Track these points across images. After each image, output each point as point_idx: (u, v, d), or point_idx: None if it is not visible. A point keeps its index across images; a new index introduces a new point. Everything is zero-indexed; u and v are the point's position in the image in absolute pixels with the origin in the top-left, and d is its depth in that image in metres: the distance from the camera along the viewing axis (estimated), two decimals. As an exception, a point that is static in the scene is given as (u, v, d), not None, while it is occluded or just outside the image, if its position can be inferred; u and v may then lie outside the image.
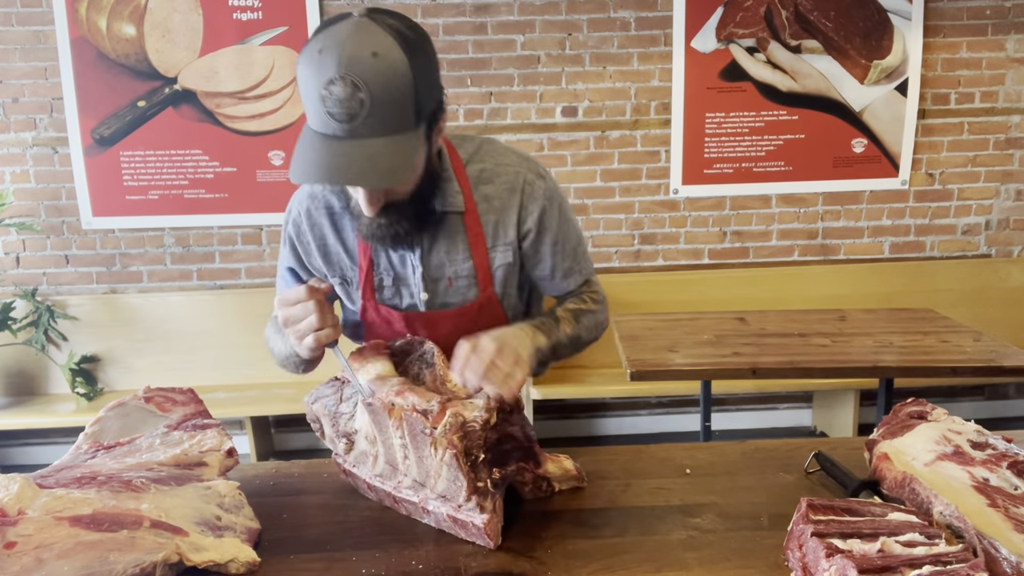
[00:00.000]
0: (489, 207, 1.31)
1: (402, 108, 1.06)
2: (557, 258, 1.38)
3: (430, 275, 1.33)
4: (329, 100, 1.02)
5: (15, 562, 0.89)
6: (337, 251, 1.35)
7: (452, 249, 1.31)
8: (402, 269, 1.33)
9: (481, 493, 1.06)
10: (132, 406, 1.35)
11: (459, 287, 1.34)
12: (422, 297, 1.34)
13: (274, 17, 3.35)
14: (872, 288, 3.60)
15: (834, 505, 1.00)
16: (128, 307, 3.52)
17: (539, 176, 1.34)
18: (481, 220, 1.31)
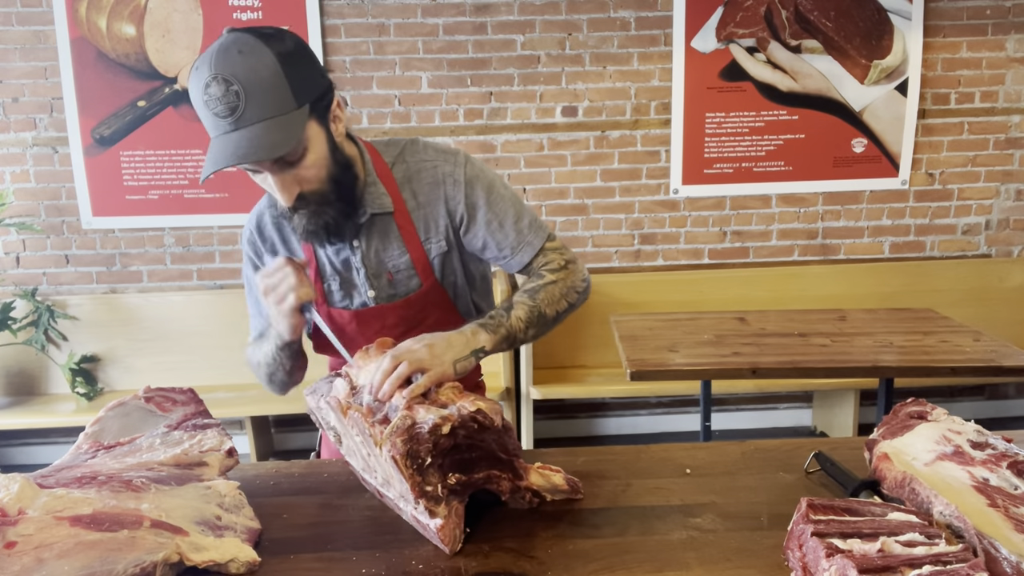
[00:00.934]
0: (416, 204, 1.39)
1: (277, 92, 1.15)
2: (499, 236, 1.41)
3: (372, 272, 1.41)
4: (211, 102, 1.13)
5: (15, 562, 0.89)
6: None
7: (387, 246, 1.40)
8: (346, 273, 1.42)
9: (430, 497, 1.05)
10: (132, 406, 1.35)
11: (400, 279, 1.42)
12: (369, 295, 1.42)
13: (274, 17, 3.35)
14: (872, 288, 3.60)
15: (834, 505, 1.00)
16: (128, 307, 3.52)
17: (457, 165, 1.39)
18: (411, 217, 1.39)
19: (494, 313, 1.36)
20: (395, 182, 1.39)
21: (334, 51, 3.41)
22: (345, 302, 1.43)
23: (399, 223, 1.39)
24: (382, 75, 3.45)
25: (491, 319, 1.34)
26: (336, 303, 1.44)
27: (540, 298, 1.38)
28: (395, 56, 3.43)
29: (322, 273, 1.42)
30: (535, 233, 1.43)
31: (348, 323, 1.43)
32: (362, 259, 1.40)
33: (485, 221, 1.40)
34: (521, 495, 1.17)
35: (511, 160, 3.52)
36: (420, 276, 1.42)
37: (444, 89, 3.46)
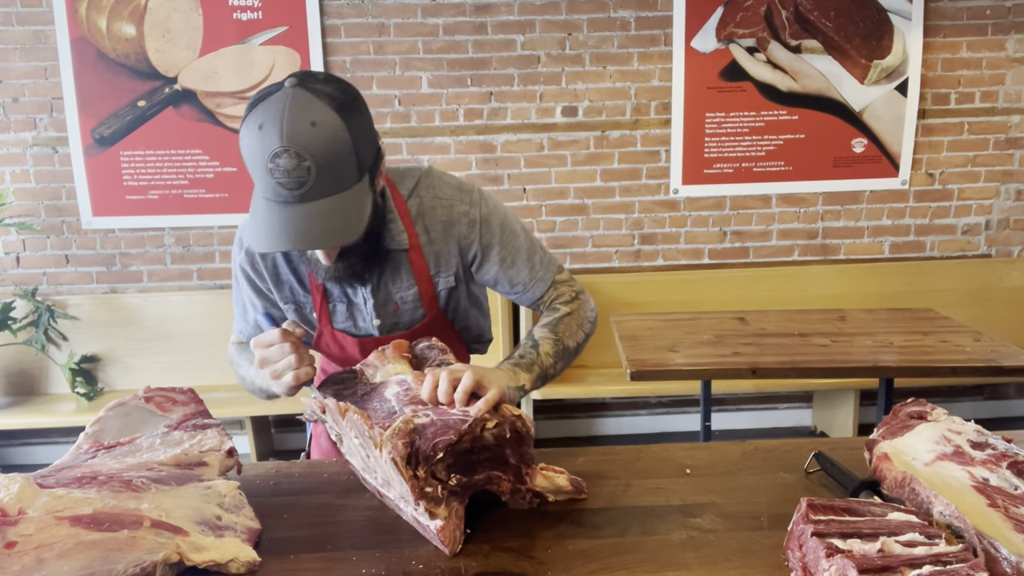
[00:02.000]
0: (429, 239, 1.39)
1: (345, 167, 1.14)
2: (511, 272, 1.42)
3: (380, 302, 1.41)
4: (277, 172, 1.10)
5: (15, 562, 0.89)
6: (289, 279, 1.41)
7: (397, 279, 1.40)
8: (354, 298, 1.41)
9: (431, 499, 1.05)
10: (132, 406, 1.35)
11: (406, 309, 1.42)
12: (375, 323, 1.42)
13: (274, 17, 3.35)
14: (872, 288, 3.60)
15: (834, 505, 1.00)
16: (128, 307, 3.52)
17: (472, 205, 1.39)
18: (423, 253, 1.39)
19: (524, 352, 1.35)
20: (410, 216, 1.37)
21: (334, 51, 3.41)
22: (347, 324, 1.43)
23: (411, 258, 1.38)
24: (382, 75, 3.45)
25: (522, 358, 1.33)
26: (339, 324, 1.43)
27: (561, 331, 1.40)
28: (395, 56, 3.43)
29: (328, 295, 1.41)
30: (546, 268, 1.45)
31: (350, 346, 1.44)
32: (372, 291, 1.40)
33: (499, 259, 1.41)
34: (522, 496, 1.17)
35: (511, 160, 3.52)
36: (425, 308, 1.43)
37: (444, 89, 3.46)
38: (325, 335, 1.44)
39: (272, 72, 3.39)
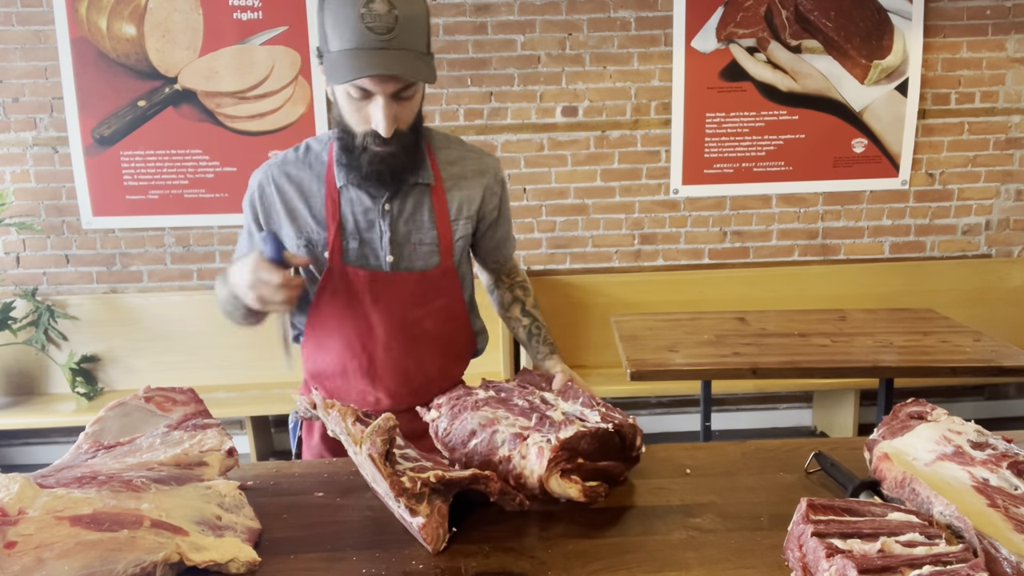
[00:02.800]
0: (455, 185, 1.48)
1: (422, 33, 1.28)
2: (503, 230, 1.61)
3: (396, 240, 1.44)
4: (368, 16, 1.22)
5: (15, 562, 0.89)
6: (304, 215, 1.44)
7: (418, 218, 1.45)
8: (368, 234, 1.44)
9: (411, 496, 1.05)
10: (132, 406, 1.35)
11: (422, 252, 1.46)
12: (388, 260, 1.45)
13: (274, 17, 3.35)
14: (872, 288, 3.60)
15: (834, 505, 1.00)
16: (128, 307, 3.52)
17: (497, 164, 1.56)
18: (447, 195, 1.47)
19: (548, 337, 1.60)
20: (436, 163, 1.47)
21: (334, 51, 3.41)
22: (360, 260, 1.45)
23: (434, 199, 1.45)
24: (382, 75, 3.44)
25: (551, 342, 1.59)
26: (351, 261, 1.44)
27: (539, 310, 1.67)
28: (395, 56, 3.43)
29: (343, 229, 1.43)
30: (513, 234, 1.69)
31: (361, 284, 1.44)
32: (390, 224, 1.43)
33: (505, 217, 1.59)
34: (511, 497, 1.17)
35: (511, 160, 3.52)
36: (441, 254, 1.47)
37: (444, 89, 3.46)
38: (334, 272, 1.43)
39: (272, 72, 3.39)
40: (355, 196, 1.43)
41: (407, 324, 1.47)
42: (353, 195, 1.43)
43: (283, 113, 3.43)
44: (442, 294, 1.49)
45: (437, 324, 1.50)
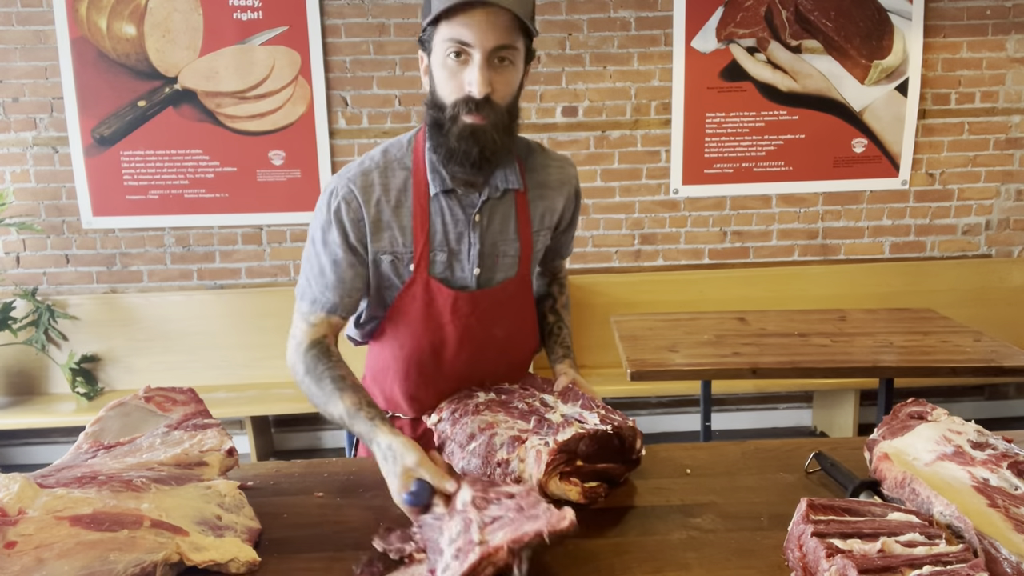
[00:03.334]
0: (539, 194, 1.44)
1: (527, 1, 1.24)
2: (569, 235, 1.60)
3: (485, 251, 1.40)
4: None
5: (15, 562, 0.89)
6: (390, 227, 1.35)
7: (505, 228, 1.41)
8: (457, 246, 1.38)
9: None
10: (132, 406, 1.35)
11: (505, 264, 1.43)
12: (475, 272, 1.39)
13: (274, 17, 3.35)
14: (872, 288, 3.60)
15: (834, 505, 1.00)
16: (128, 307, 3.52)
17: (576, 173, 1.53)
18: (530, 204, 1.43)
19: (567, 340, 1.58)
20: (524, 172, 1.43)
21: (334, 51, 3.41)
22: (445, 274, 1.38)
23: (519, 208, 1.41)
24: (382, 75, 3.44)
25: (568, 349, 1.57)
26: (437, 274, 1.38)
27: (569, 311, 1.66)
28: (395, 56, 3.43)
29: (431, 241, 1.36)
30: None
31: (444, 299, 1.38)
32: (480, 236, 1.38)
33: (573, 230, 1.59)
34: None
35: (511, 160, 3.52)
36: (520, 265, 1.44)
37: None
38: (417, 284, 1.37)
39: (272, 72, 3.39)
40: (446, 205, 1.35)
41: (479, 335, 1.43)
42: (444, 203, 1.35)
43: (283, 113, 3.43)
44: (516, 304, 1.47)
45: (507, 331, 1.47)
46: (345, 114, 3.47)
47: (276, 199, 3.49)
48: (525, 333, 1.54)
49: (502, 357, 1.49)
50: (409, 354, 1.44)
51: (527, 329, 1.54)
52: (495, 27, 1.19)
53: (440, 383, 1.46)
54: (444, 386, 1.45)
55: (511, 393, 1.40)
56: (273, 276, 3.59)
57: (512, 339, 1.50)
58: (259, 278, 3.59)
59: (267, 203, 3.49)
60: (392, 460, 1.16)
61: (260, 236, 3.54)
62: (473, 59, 1.20)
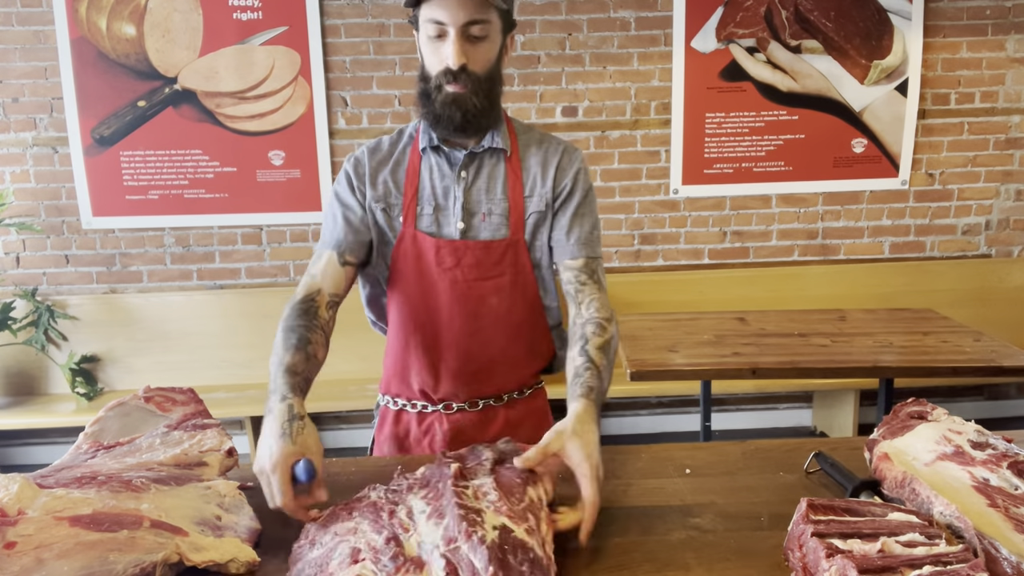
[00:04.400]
0: (531, 162, 1.48)
1: None
2: (575, 224, 1.48)
3: (469, 208, 1.45)
4: None
5: (15, 562, 0.89)
6: (386, 180, 1.47)
7: (492, 187, 1.46)
8: (443, 200, 1.46)
9: None
10: (132, 406, 1.35)
11: (492, 223, 1.46)
12: (458, 226, 1.45)
13: (274, 17, 3.35)
14: (872, 288, 3.60)
15: (834, 505, 1.00)
16: (128, 307, 3.52)
17: (577, 152, 1.53)
18: (522, 167, 1.48)
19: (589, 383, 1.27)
20: (516, 137, 1.50)
21: (334, 51, 3.41)
22: (432, 228, 1.46)
23: (508, 169, 1.47)
24: (382, 75, 3.44)
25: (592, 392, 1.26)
26: (423, 227, 1.46)
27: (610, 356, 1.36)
28: (395, 56, 3.43)
29: (419, 196, 1.46)
30: (597, 243, 1.52)
31: (428, 249, 1.45)
32: (464, 190, 1.45)
33: (576, 206, 1.48)
34: None
35: (511, 160, 3.52)
36: (510, 227, 1.46)
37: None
38: (406, 238, 1.45)
39: (272, 72, 3.39)
40: (435, 162, 1.46)
41: (472, 298, 1.45)
42: (433, 161, 1.46)
43: (283, 113, 3.43)
44: (509, 268, 1.46)
45: (503, 301, 1.46)
46: (345, 114, 3.47)
47: (276, 199, 3.49)
48: (528, 312, 1.50)
49: (502, 334, 1.48)
50: (408, 318, 1.48)
51: (529, 307, 1.50)
52: (465, 5, 1.30)
53: (446, 355, 1.48)
54: (452, 360, 1.48)
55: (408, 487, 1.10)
56: (273, 276, 3.59)
57: (512, 314, 1.48)
58: (259, 278, 3.59)
59: (267, 203, 3.49)
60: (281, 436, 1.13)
61: (260, 236, 3.54)
62: (449, 35, 1.32)
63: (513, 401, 1.55)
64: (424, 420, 1.53)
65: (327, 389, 3.41)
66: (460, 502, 0.97)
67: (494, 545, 0.89)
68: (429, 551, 0.92)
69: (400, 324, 1.50)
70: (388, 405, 1.57)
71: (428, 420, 1.53)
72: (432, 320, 1.47)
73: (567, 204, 1.48)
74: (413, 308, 1.48)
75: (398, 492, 1.09)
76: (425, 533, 0.95)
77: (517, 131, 1.51)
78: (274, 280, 3.59)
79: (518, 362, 1.53)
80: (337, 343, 1.48)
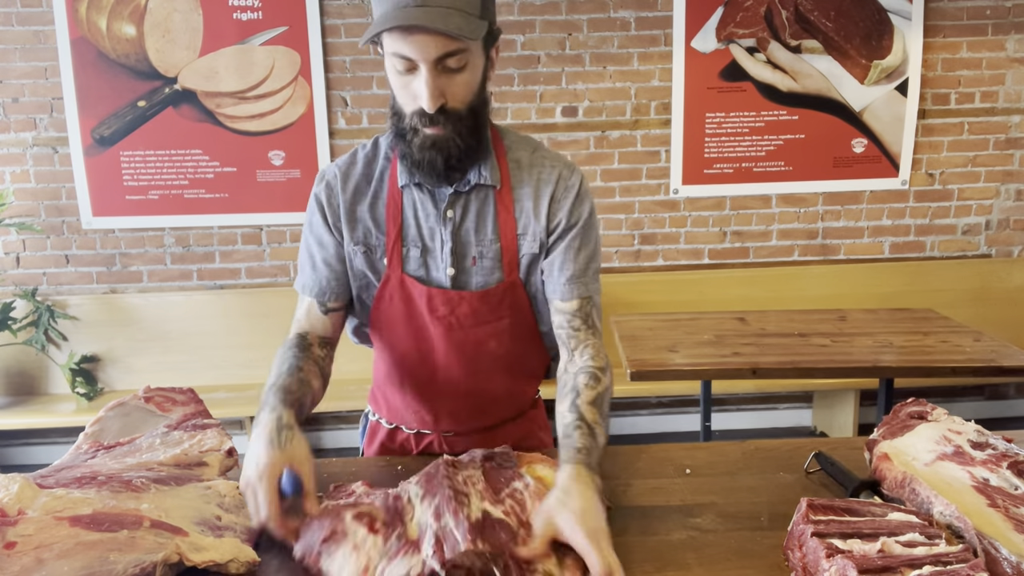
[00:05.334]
0: (523, 192, 1.32)
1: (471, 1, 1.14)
2: (568, 258, 1.32)
3: (458, 251, 1.31)
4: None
5: (15, 562, 0.89)
6: (364, 218, 1.32)
7: (481, 227, 1.31)
8: (431, 243, 1.31)
9: None
10: (132, 406, 1.35)
11: (484, 267, 1.32)
12: (448, 272, 1.31)
13: (274, 17, 3.34)
14: (872, 288, 3.60)
15: (834, 505, 1.00)
16: (128, 307, 3.52)
17: (574, 174, 1.35)
18: (514, 204, 1.31)
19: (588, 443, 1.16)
20: (507, 165, 1.32)
21: (334, 51, 3.41)
22: (420, 272, 1.32)
23: (499, 206, 1.31)
24: (382, 75, 3.44)
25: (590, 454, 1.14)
26: (411, 271, 1.32)
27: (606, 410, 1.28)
28: (395, 56, 3.43)
29: (404, 237, 1.31)
30: (594, 279, 1.36)
31: (419, 296, 1.32)
32: (452, 233, 1.29)
33: (571, 239, 1.32)
34: None
35: (511, 160, 3.52)
36: (504, 270, 1.32)
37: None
38: (392, 281, 1.32)
39: (272, 72, 3.39)
40: (418, 198, 1.30)
41: (469, 344, 1.33)
42: (416, 197, 1.30)
43: (283, 113, 3.43)
44: (507, 313, 1.34)
45: (503, 344, 1.35)
46: (345, 114, 3.47)
47: (276, 199, 3.49)
48: (529, 349, 1.42)
49: (504, 373, 1.40)
50: (399, 360, 1.39)
51: (530, 344, 1.41)
52: (436, 39, 1.11)
53: (443, 397, 1.40)
54: (449, 401, 1.41)
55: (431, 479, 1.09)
56: (273, 276, 3.59)
57: (512, 354, 1.38)
58: (259, 278, 3.59)
59: (267, 203, 3.49)
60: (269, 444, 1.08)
61: (260, 236, 3.54)
62: (420, 71, 1.14)
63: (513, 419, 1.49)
64: (422, 440, 1.47)
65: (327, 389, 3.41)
66: (450, 483, 1.02)
67: (477, 522, 0.95)
68: (423, 530, 0.98)
69: (391, 363, 1.41)
70: (381, 422, 1.51)
71: (427, 439, 1.47)
72: (426, 363, 1.37)
73: (561, 239, 1.32)
74: (404, 351, 1.37)
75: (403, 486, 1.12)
76: (419, 512, 1.02)
77: (508, 151, 1.33)
78: (274, 280, 3.59)
79: (518, 392, 1.48)
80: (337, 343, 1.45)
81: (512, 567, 0.93)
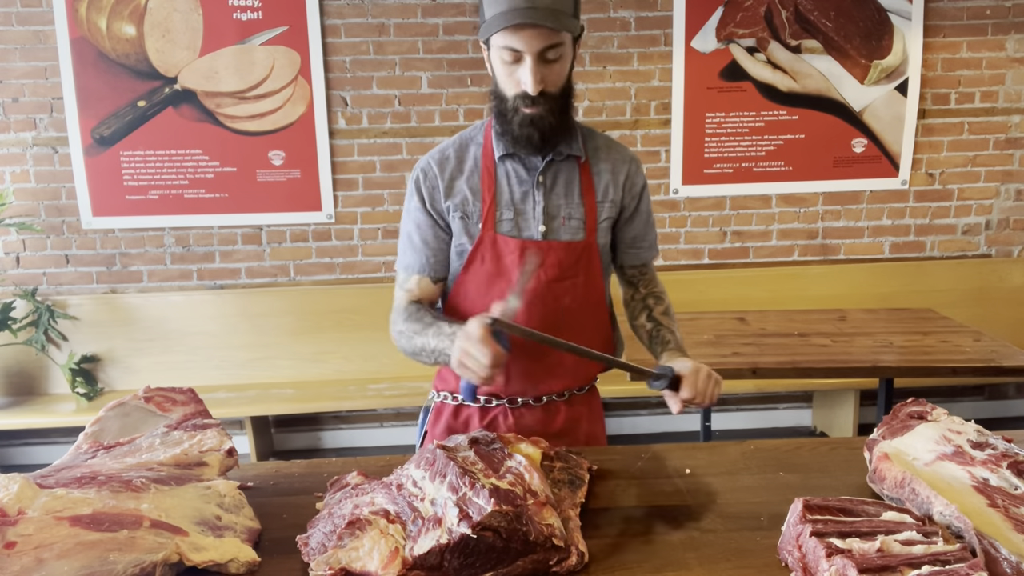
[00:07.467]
0: (602, 168, 1.55)
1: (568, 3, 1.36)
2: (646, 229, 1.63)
3: (549, 212, 1.51)
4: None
5: (15, 562, 0.89)
6: (461, 188, 1.51)
7: (569, 192, 1.52)
8: (522, 205, 1.51)
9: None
10: (132, 406, 1.35)
11: (571, 226, 1.52)
12: (540, 230, 1.50)
13: (274, 17, 3.35)
14: (872, 288, 3.60)
15: (829, 505, 1.00)
16: (128, 307, 3.52)
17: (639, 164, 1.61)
18: (593, 174, 1.54)
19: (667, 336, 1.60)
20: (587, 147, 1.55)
21: (334, 51, 3.41)
22: (513, 232, 1.51)
23: (583, 176, 1.53)
24: (382, 75, 3.44)
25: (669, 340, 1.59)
26: (504, 231, 1.50)
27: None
28: (395, 56, 3.43)
29: (498, 202, 1.50)
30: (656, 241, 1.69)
31: (511, 251, 1.49)
32: (544, 195, 1.50)
33: (645, 212, 1.62)
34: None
35: (511, 160, 3.52)
36: (586, 230, 1.52)
37: (444, 89, 3.46)
38: (485, 241, 1.49)
39: (272, 72, 3.39)
40: (511, 168, 1.50)
41: (548, 298, 1.50)
42: (510, 167, 1.50)
43: (283, 113, 3.43)
44: (583, 270, 1.53)
45: (576, 301, 1.53)
46: (345, 114, 3.47)
47: (276, 199, 3.49)
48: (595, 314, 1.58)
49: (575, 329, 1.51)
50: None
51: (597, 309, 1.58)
52: (541, 33, 1.33)
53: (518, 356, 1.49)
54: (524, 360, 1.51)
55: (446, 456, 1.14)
56: (273, 276, 3.59)
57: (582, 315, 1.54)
58: (259, 278, 3.59)
59: (267, 203, 3.49)
60: (476, 320, 1.27)
61: (260, 236, 3.54)
62: (525, 61, 1.36)
63: (573, 397, 1.61)
64: (487, 414, 1.56)
65: (327, 389, 3.41)
66: (457, 464, 1.08)
67: (492, 489, 1.02)
68: (441, 504, 1.03)
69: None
70: (445, 400, 1.61)
71: (492, 414, 1.56)
72: None
73: (637, 213, 1.59)
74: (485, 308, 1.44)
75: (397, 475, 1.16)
76: (432, 491, 1.06)
77: (585, 136, 1.56)
78: (274, 280, 3.59)
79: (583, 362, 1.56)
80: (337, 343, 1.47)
81: (531, 525, 1.00)
